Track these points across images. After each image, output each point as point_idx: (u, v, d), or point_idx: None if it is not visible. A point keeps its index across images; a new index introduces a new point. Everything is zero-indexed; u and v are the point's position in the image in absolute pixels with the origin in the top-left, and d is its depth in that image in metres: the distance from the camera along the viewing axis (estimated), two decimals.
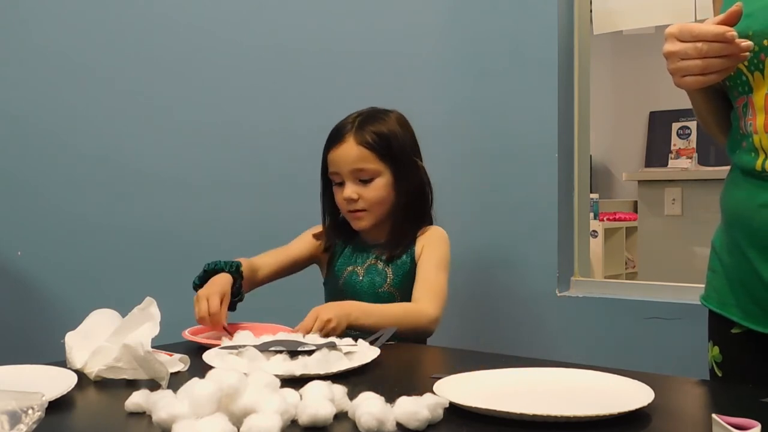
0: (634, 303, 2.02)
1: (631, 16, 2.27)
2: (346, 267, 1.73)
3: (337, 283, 1.74)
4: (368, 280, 1.69)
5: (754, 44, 1.02)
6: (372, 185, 1.67)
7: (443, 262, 1.68)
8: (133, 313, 1.20)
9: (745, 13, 1.04)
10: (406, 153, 1.70)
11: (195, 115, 2.41)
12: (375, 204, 1.68)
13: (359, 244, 1.75)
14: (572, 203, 2.20)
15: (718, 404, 1.06)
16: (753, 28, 1.03)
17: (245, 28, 2.39)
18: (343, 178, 1.68)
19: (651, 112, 4.72)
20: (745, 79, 1.06)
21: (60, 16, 2.48)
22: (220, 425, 0.83)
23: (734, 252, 1.12)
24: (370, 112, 1.72)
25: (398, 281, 1.68)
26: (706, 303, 1.22)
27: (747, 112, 1.06)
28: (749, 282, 1.10)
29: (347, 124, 1.70)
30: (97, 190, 2.45)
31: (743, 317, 1.12)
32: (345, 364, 1.19)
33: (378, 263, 1.70)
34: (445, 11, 2.26)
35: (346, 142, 1.67)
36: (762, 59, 1.02)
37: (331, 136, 1.71)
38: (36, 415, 0.79)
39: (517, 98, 2.16)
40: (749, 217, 1.07)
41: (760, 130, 1.04)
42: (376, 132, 1.67)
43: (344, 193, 1.67)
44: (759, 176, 1.05)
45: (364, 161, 1.66)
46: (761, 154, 1.04)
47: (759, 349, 1.12)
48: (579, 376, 1.10)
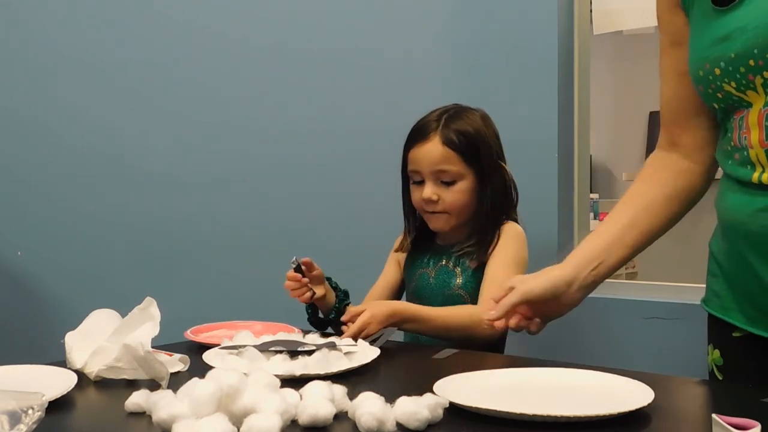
0: (634, 303, 2.02)
1: (631, 16, 2.27)
2: (418, 270, 1.68)
3: (410, 286, 1.69)
4: (438, 281, 1.63)
5: (740, 66, 1.01)
6: (454, 188, 1.59)
7: (514, 260, 1.58)
8: (133, 313, 1.19)
9: (721, 36, 1.02)
10: (491, 156, 1.61)
11: (195, 114, 2.41)
12: (455, 208, 1.60)
13: (434, 246, 1.69)
14: (572, 203, 2.20)
15: (718, 404, 1.06)
16: (733, 50, 1.01)
17: (244, 27, 2.39)
18: (423, 177, 1.60)
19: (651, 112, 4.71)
20: (737, 98, 1.04)
21: (60, 15, 2.48)
22: (220, 425, 0.83)
23: (733, 256, 1.12)
24: (456, 110, 1.63)
25: (468, 282, 1.60)
26: (707, 307, 1.21)
27: (742, 125, 1.05)
28: (750, 286, 1.09)
29: (432, 121, 1.60)
30: (98, 190, 2.45)
31: (745, 322, 1.12)
32: (345, 364, 1.18)
33: (448, 264, 1.63)
34: (445, 11, 2.26)
35: (431, 141, 1.58)
36: (750, 79, 1.01)
37: (414, 133, 1.62)
38: (36, 415, 0.79)
39: (517, 98, 2.16)
40: (747, 222, 1.06)
41: (755, 145, 1.03)
42: (463, 132, 1.58)
43: (424, 193, 1.59)
44: (755, 186, 1.05)
45: (447, 162, 1.57)
46: (758, 168, 1.03)
47: (761, 352, 1.11)
48: (579, 376, 1.10)
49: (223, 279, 2.38)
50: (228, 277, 2.38)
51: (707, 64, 1.05)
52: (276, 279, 2.41)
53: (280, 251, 2.36)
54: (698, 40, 1.09)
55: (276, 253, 2.36)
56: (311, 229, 2.34)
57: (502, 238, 1.61)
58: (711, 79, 1.06)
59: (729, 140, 1.09)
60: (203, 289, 2.38)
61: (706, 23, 1.07)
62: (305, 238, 2.34)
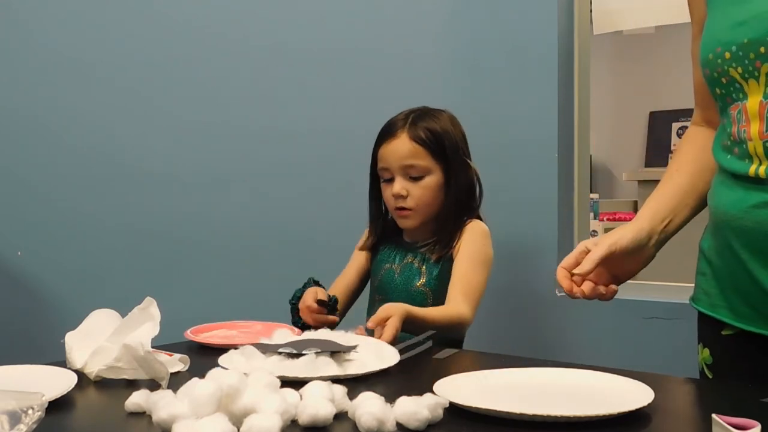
0: (634, 303, 2.02)
1: (631, 16, 2.27)
2: (384, 264, 1.72)
3: (375, 280, 1.73)
4: (402, 278, 1.67)
5: (750, 52, 1.02)
6: (421, 183, 1.65)
7: (480, 258, 1.64)
8: (133, 313, 1.19)
9: (738, 21, 1.04)
10: (457, 153, 1.67)
11: (195, 114, 2.41)
12: (423, 204, 1.65)
13: (401, 242, 1.73)
14: (572, 203, 2.20)
15: (717, 404, 1.06)
16: (748, 36, 1.02)
17: (244, 27, 2.39)
18: (392, 174, 1.66)
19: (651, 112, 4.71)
20: (739, 86, 1.05)
21: (60, 15, 2.48)
22: (220, 425, 0.83)
23: (724, 253, 1.12)
24: (423, 110, 1.70)
25: (432, 280, 1.64)
26: (696, 305, 1.21)
27: (741, 118, 1.06)
28: (741, 283, 1.09)
29: (399, 120, 1.68)
30: (98, 190, 2.45)
31: (734, 318, 1.12)
32: (373, 365, 1.18)
33: (414, 261, 1.68)
34: (445, 11, 2.26)
35: (398, 138, 1.65)
36: (757, 66, 1.02)
37: (383, 132, 1.69)
38: (36, 415, 0.79)
39: (517, 98, 2.16)
40: (741, 218, 1.06)
41: (754, 137, 1.04)
42: (430, 129, 1.65)
43: (393, 189, 1.65)
44: (752, 180, 1.05)
45: (415, 157, 1.64)
46: (755, 161, 1.04)
47: (750, 350, 1.12)
48: (579, 376, 1.10)
49: (223, 279, 2.38)
50: (228, 277, 2.38)
51: (719, 47, 1.07)
52: (276, 279, 2.41)
53: (280, 251, 2.38)
54: (714, 24, 1.11)
55: (276, 253, 2.37)
56: (311, 229, 2.34)
57: (468, 235, 1.65)
58: (719, 63, 1.07)
59: (728, 135, 1.10)
60: (203, 289, 2.38)
61: (725, 8, 1.09)
62: (305, 238, 2.34)
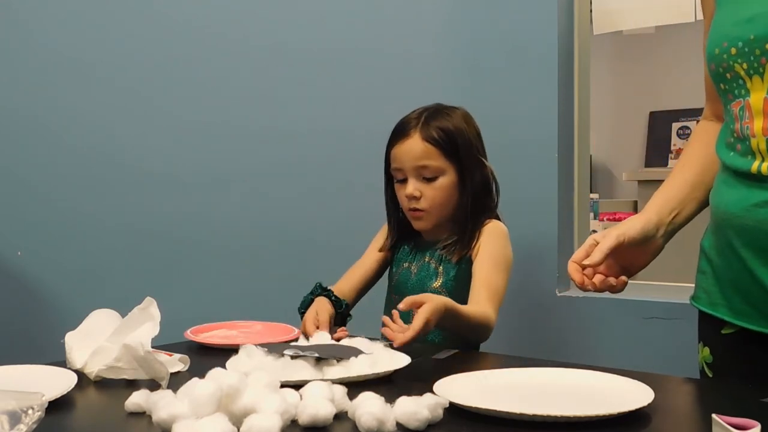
0: (634, 303, 2.01)
1: (631, 16, 2.28)
2: (402, 263, 1.70)
3: (391, 279, 1.72)
4: (419, 278, 1.65)
5: (756, 48, 1.02)
6: (435, 184, 1.61)
7: (501, 260, 1.61)
8: (133, 313, 1.20)
9: (746, 18, 1.04)
10: (471, 152, 1.64)
11: (195, 114, 2.41)
12: (437, 205, 1.62)
13: (420, 242, 1.70)
14: (572, 203, 2.19)
15: (717, 404, 1.06)
16: (755, 32, 1.03)
17: (244, 27, 2.39)
18: (406, 175, 1.63)
19: (651, 112, 4.71)
20: (742, 82, 1.06)
21: (60, 15, 2.48)
22: (220, 425, 0.83)
23: (725, 252, 1.12)
24: (436, 108, 1.67)
25: (449, 281, 1.61)
26: (696, 304, 1.22)
27: (744, 115, 1.06)
28: (741, 281, 1.09)
29: (412, 119, 1.64)
30: (98, 190, 2.45)
31: (734, 316, 1.12)
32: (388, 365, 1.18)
33: (431, 261, 1.65)
34: (445, 11, 2.26)
35: (411, 138, 1.62)
36: (763, 63, 1.02)
37: (396, 131, 1.66)
38: (36, 415, 0.79)
39: (517, 98, 2.16)
40: (742, 217, 1.07)
41: (758, 133, 1.04)
42: (442, 128, 1.61)
43: (407, 190, 1.62)
44: (754, 178, 1.05)
45: (428, 158, 1.60)
46: (758, 158, 1.04)
47: (749, 349, 1.12)
48: (579, 376, 1.10)
49: (223, 279, 2.38)
50: (228, 277, 2.38)
51: (725, 43, 1.07)
52: (276, 279, 2.42)
53: (280, 251, 2.38)
54: (722, 20, 1.11)
55: (276, 253, 2.37)
56: (311, 229, 2.34)
57: (487, 236, 1.62)
58: (725, 58, 1.07)
59: (732, 132, 1.10)
60: (203, 289, 2.38)
61: (733, 5, 1.09)
62: (305, 238, 2.34)
